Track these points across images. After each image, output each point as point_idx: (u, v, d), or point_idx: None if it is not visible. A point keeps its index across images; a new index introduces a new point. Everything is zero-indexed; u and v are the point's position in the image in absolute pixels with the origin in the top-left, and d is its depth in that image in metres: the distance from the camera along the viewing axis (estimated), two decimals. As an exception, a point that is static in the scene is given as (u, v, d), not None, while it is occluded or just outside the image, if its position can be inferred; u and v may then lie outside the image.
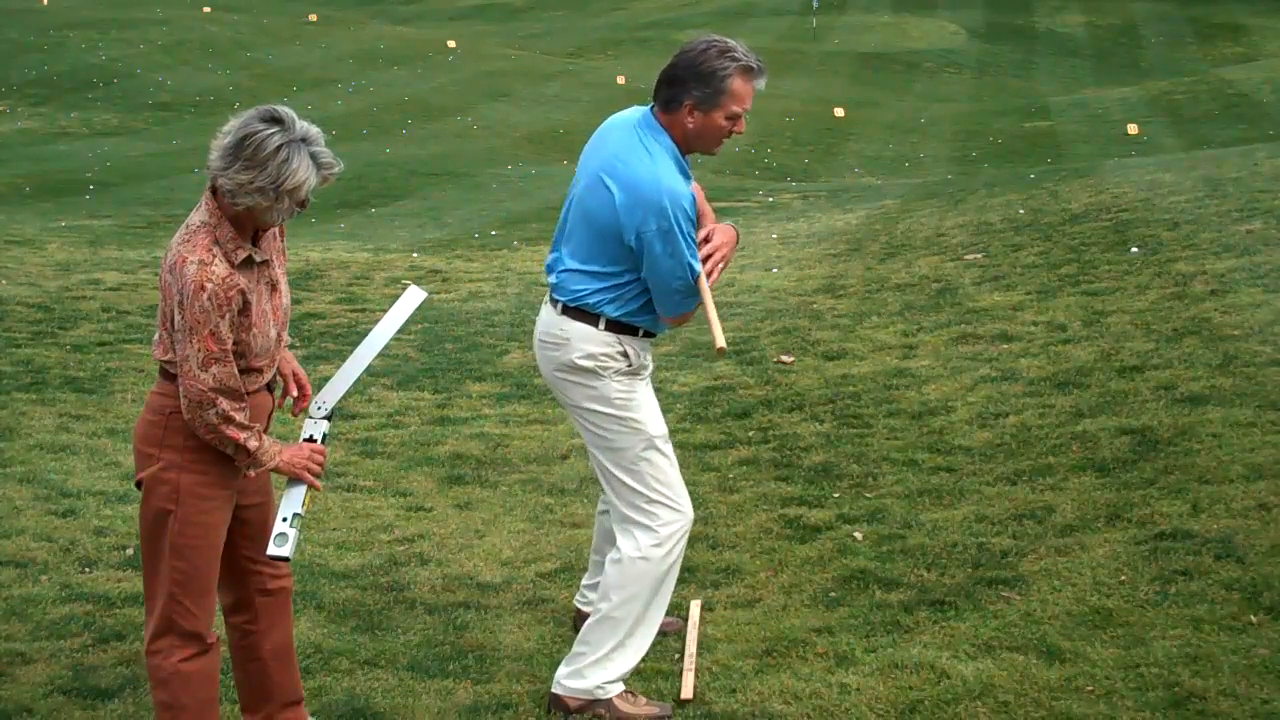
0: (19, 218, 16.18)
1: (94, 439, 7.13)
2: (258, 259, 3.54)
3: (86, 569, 5.37)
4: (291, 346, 9.39)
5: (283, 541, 3.59)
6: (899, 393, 7.48)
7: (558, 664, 4.29)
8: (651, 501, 4.15)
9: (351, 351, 3.95)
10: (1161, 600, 4.60)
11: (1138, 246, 10.03)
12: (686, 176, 4.14)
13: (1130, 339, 7.69)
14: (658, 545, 4.13)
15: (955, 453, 6.44)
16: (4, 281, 11.29)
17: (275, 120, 3.40)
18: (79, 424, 7.38)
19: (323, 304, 11.10)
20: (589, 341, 4.14)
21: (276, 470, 3.63)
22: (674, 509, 4.17)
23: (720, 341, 4.03)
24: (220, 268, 3.43)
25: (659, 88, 4.11)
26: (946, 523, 5.59)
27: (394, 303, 3.92)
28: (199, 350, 3.43)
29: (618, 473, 4.18)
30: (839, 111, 31.64)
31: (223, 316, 3.43)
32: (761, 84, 4.10)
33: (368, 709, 4.19)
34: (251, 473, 3.60)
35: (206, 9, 41.37)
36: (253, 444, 3.55)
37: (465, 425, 7.55)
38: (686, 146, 4.14)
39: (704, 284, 4.09)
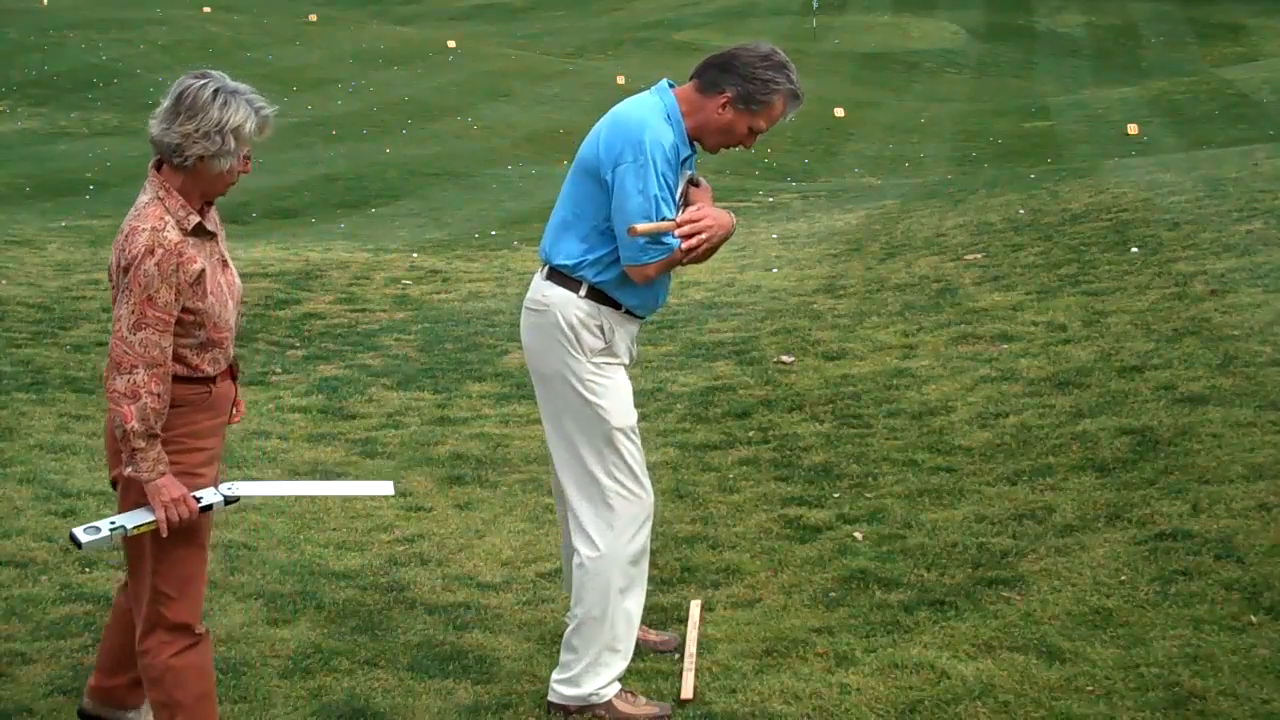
0: (19, 218, 16.18)
1: (94, 439, 7.12)
2: (209, 227, 3.58)
3: (86, 569, 5.37)
4: (291, 347, 9.41)
5: (94, 532, 3.51)
6: (899, 393, 7.47)
7: (558, 664, 4.29)
8: (606, 490, 4.10)
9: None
10: (1161, 600, 4.60)
11: (1138, 246, 10.04)
12: (690, 151, 4.12)
13: (1130, 339, 7.70)
14: (616, 538, 4.09)
15: (955, 453, 6.44)
16: (4, 281, 11.29)
17: (205, 76, 3.55)
18: (79, 424, 7.38)
19: (323, 304, 11.10)
20: (569, 307, 4.11)
21: (147, 483, 3.47)
22: (628, 499, 4.12)
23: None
24: (172, 234, 3.46)
25: (706, 68, 4.12)
26: (946, 523, 5.59)
27: (364, 480, 3.89)
28: (133, 311, 3.42)
29: (574, 454, 4.13)
30: (839, 111, 31.63)
31: (165, 282, 3.42)
32: (792, 115, 4.16)
33: (368, 709, 4.19)
34: (129, 470, 3.49)
35: (206, 9, 41.33)
36: (140, 442, 3.44)
37: (465, 425, 7.55)
38: (697, 132, 4.13)
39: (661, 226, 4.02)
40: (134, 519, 3.54)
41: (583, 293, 4.11)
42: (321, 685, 4.36)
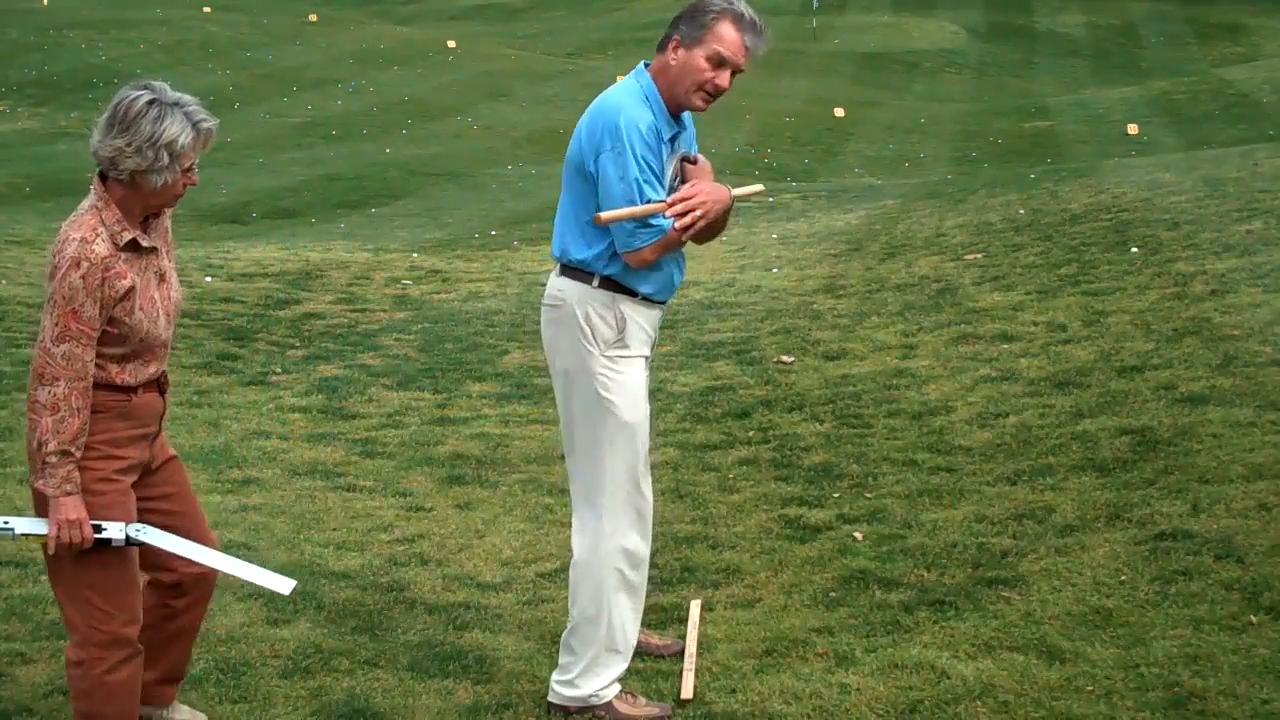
0: (19, 218, 16.18)
1: (94, 439, 7.12)
2: (144, 244, 3.50)
3: (86, 569, 5.36)
4: (291, 347, 9.41)
5: None
6: (899, 393, 7.47)
7: (557, 665, 4.29)
8: (602, 487, 4.08)
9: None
10: (1161, 600, 4.60)
11: (1138, 246, 10.04)
12: (676, 128, 4.08)
13: (1130, 339, 7.70)
14: (607, 537, 4.07)
15: (955, 453, 6.44)
16: (4, 281, 11.29)
17: (145, 88, 3.44)
18: (79, 424, 7.37)
19: (323, 304, 11.10)
20: (585, 300, 4.06)
21: (51, 499, 3.42)
22: (621, 497, 4.09)
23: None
24: (101, 248, 3.40)
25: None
26: (946, 523, 5.59)
27: (266, 572, 3.79)
28: (56, 323, 3.38)
29: (576, 447, 4.12)
30: (839, 111, 31.65)
31: (90, 296, 3.37)
32: (754, 42, 4.03)
33: (368, 709, 4.19)
34: (38, 482, 3.43)
35: (206, 9, 41.36)
36: (54, 458, 3.38)
37: (465, 425, 7.55)
38: (670, 94, 4.05)
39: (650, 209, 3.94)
40: (26, 525, 3.49)
41: (596, 284, 4.07)
42: (321, 685, 4.36)
